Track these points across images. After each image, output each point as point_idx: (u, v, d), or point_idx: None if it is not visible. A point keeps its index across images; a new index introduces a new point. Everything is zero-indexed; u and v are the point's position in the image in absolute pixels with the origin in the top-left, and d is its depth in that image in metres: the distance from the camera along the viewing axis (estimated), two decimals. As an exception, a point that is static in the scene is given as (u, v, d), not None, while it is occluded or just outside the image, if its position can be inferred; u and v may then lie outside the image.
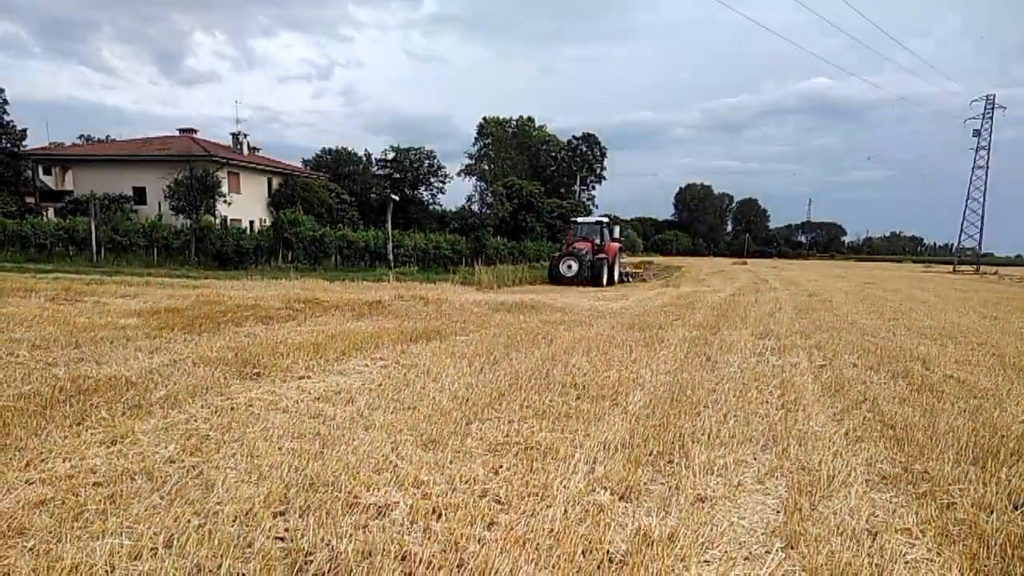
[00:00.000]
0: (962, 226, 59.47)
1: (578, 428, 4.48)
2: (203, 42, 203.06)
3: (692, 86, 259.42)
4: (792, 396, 5.66)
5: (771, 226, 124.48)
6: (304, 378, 5.75)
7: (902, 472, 3.86)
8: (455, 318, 10.22)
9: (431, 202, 62.50)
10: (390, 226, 29.99)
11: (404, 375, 5.98)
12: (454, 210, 46.71)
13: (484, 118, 76.53)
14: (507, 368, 6.35)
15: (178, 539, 2.65)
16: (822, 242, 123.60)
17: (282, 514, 2.96)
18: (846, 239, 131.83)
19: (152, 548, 2.59)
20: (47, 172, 41.07)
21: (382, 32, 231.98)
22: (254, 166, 40.97)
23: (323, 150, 60.22)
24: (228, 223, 32.93)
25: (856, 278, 30.47)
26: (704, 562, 2.74)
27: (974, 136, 57.86)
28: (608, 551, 2.76)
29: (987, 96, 57.35)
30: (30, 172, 39.93)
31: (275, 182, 42.33)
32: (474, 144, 77.76)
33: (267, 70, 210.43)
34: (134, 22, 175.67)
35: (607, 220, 25.83)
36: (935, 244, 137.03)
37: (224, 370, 5.78)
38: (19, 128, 39.91)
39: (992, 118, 57.06)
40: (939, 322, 11.80)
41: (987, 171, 57.42)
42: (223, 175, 34.61)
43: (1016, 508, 3.35)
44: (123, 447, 3.75)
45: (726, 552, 2.83)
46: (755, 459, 4.04)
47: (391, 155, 62.31)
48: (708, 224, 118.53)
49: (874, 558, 2.80)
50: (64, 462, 3.48)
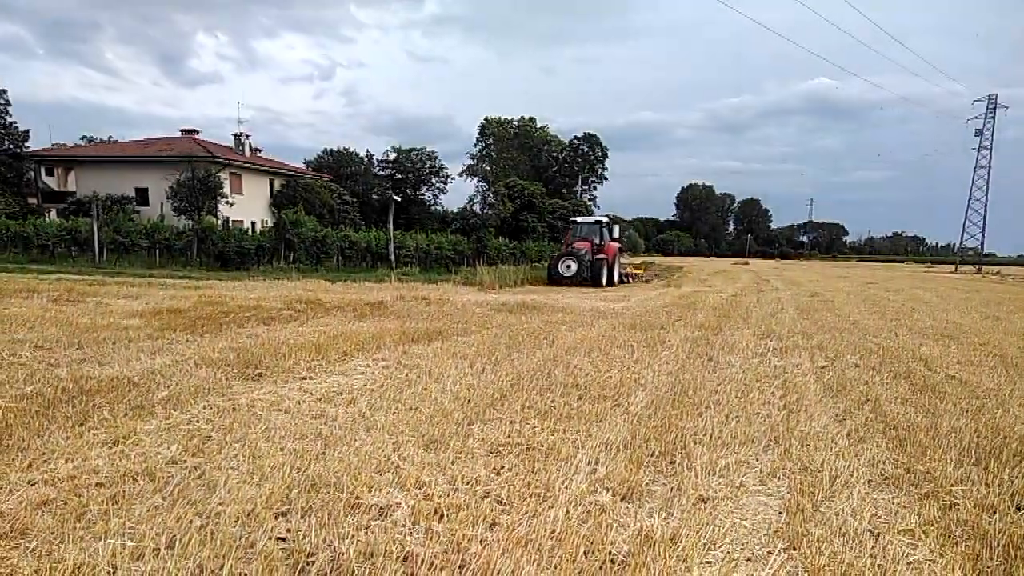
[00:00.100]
0: (964, 226, 59.40)
1: (580, 429, 4.48)
2: (205, 43, 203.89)
3: (694, 86, 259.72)
4: (794, 397, 5.65)
5: (773, 226, 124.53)
6: (306, 379, 5.75)
7: (904, 473, 3.85)
8: (457, 319, 10.22)
9: (433, 203, 62.60)
10: (392, 227, 29.99)
11: (406, 376, 5.98)
12: (456, 211, 46.84)
13: (485, 118, 76.57)
14: (509, 369, 6.35)
15: (180, 540, 2.65)
16: (824, 242, 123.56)
17: (284, 515, 2.97)
18: (848, 239, 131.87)
19: (154, 549, 2.60)
20: (49, 173, 41.14)
21: (383, 33, 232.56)
22: (256, 167, 41.03)
23: (325, 151, 60.23)
24: (230, 224, 32.96)
25: (858, 278, 30.45)
26: (706, 563, 2.74)
27: (976, 136, 57.81)
28: (610, 552, 2.76)
29: (989, 96, 57.29)
30: (32, 173, 39.98)
31: (277, 183, 42.38)
32: (475, 144, 77.81)
33: (269, 71, 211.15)
34: (136, 23, 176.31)
35: (607, 220, 25.45)
36: (937, 244, 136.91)
37: (226, 371, 5.79)
38: (22, 129, 39.95)
39: (994, 118, 57.00)
40: (941, 322, 11.79)
41: (989, 171, 57.37)
42: (225, 176, 34.68)
43: (1019, 509, 3.35)
44: (125, 448, 3.76)
45: (728, 553, 2.82)
46: (757, 460, 4.04)
47: (393, 156, 62.42)
48: (710, 224, 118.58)
49: (876, 559, 2.80)
50: (66, 463, 3.48)
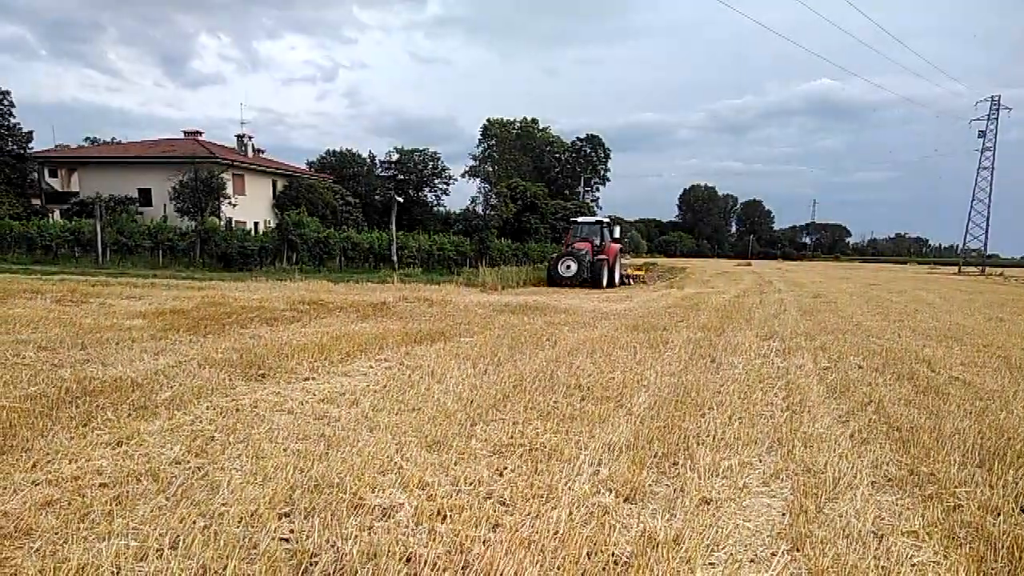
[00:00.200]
0: (967, 227, 59.24)
1: (583, 430, 4.47)
2: (208, 44, 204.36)
3: (696, 87, 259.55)
4: (797, 398, 5.65)
5: (775, 227, 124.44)
6: (309, 379, 5.76)
7: (908, 474, 3.84)
8: (459, 319, 10.22)
9: (435, 204, 62.69)
10: (394, 228, 30.02)
11: (408, 377, 5.98)
12: (458, 212, 46.97)
13: (488, 120, 76.67)
14: (511, 369, 6.35)
15: (184, 540, 2.65)
16: (826, 243, 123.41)
17: (287, 515, 2.97)
18: (850, 240, 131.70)
19: (158, 549, 2.60)
20: (53, 174, 41.28)
21: (386, 34, 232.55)
22: (259, 168, 41.11)
23: (327, 152, 60.36)
24: (233, 225, 33.02)
25: (861, 279, 30.39)
26: (709, 564, 2.73)
27: (979, 137, 57.68)
28: (613, 553, 2.76)
29: (992, 97, 57.16)
30: (36, 174, 40.06)
31: (280, 184, 42.46)
32: (478, 146, 77.94)
33: (271, 72, 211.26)
34: (139, 24, 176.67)
35: (608, 220, 25.20)
36: (940, 245, 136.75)
37: (229, 371, 5.80)
38: (25, 130, 39.87)
39: (997, 119, 56.86)
40: (944, 324, 11.76)
41: (992, 172, 57.24)
42: (228, 177, 34.80)
43: (1023, 511, 3.34)
44: (129, 448, 3.77)
45: (731, 554, 2.82)
46: (760, 461, 4.03)
47: (395, 157, 62.54)
48: (712, 226, 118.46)
49: (880, 561, 2.79)
50: (70, 463, 3.49)
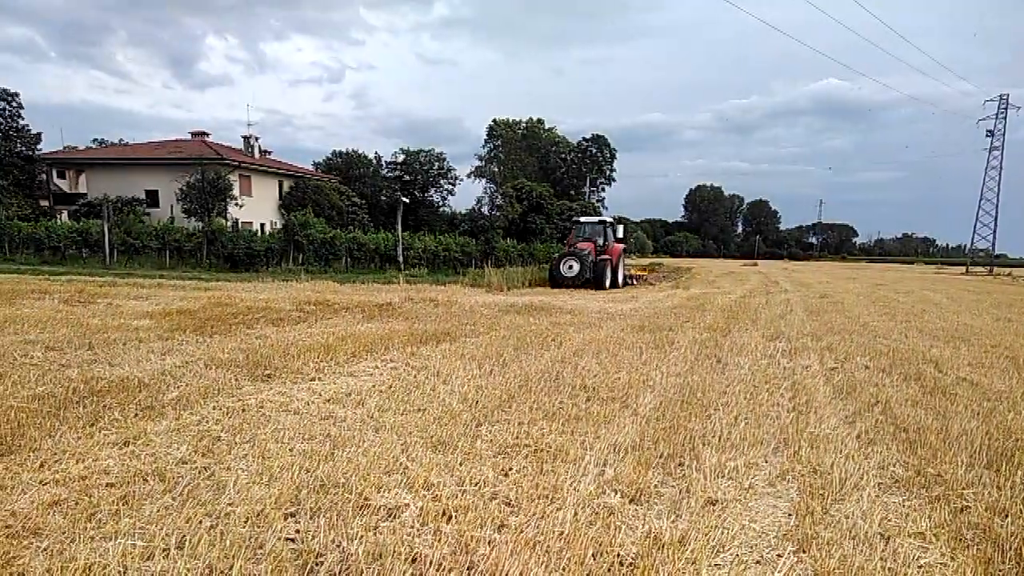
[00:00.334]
0: (975, 227, 59.04)
1: (588, 430, 4.47)
2: (215, 46, 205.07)
3: (702, 87, 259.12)
4: (803, 398, 5.62)
5: (782, 228, 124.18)
6: (315, 380, 5.77)
7: (915, 475, 3.82)
8: (465, 320, 10.23)
9: (441, 204, 62.81)
10: (400, 228, 30.06)
11: (414, 377, 5.99)
12: (464, 212, 46.97)
13: (494, 120, 76.77)
14: (517, 370, 6.35)
15: (190, 540, 2.66)
16: (833, 244, 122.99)
17: (293, 515, 2.98)
18: (857, 240, 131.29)
19: (164, 549, 2.61)
20: (61, 175, 41.55)
21: (393, 35, 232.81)
22: (265, 169, 41.25)
23: (334, 153, 60.56)
24: (239, 226, 33.15)
25: (867, 280, 30.26)
26: (715, 566, 2.73)
27: (987, 136, 57.45)
28: (618, 554, 2.75)
29: (1001, 96, 56.91)
30: (44, 175, 40.36)
31: (286, 185, 42.60)
32: (484, 146, 78.07)
33: (278, 73, 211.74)
34: (147, 26, 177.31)
35: (611, 220, 24.96)
36: (947, 245, 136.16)
37: (235, 372, 5.82)
38: (34, 132, 40.28)
39: (1006, 118, 56.64)
40: (952, 324, 11.70)
41: (1000, 171, 56.98)
42: (235, 178, 34.87)
43: None
44: (136, 448, 3.78)
45: (737, 556, 2.81)
46: (766, 462, 4.02)
47: (401, 158, 62.69)
48: (718, 226, 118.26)
49: (887, 562, 2.78)
50: (77, 463, 3.51)
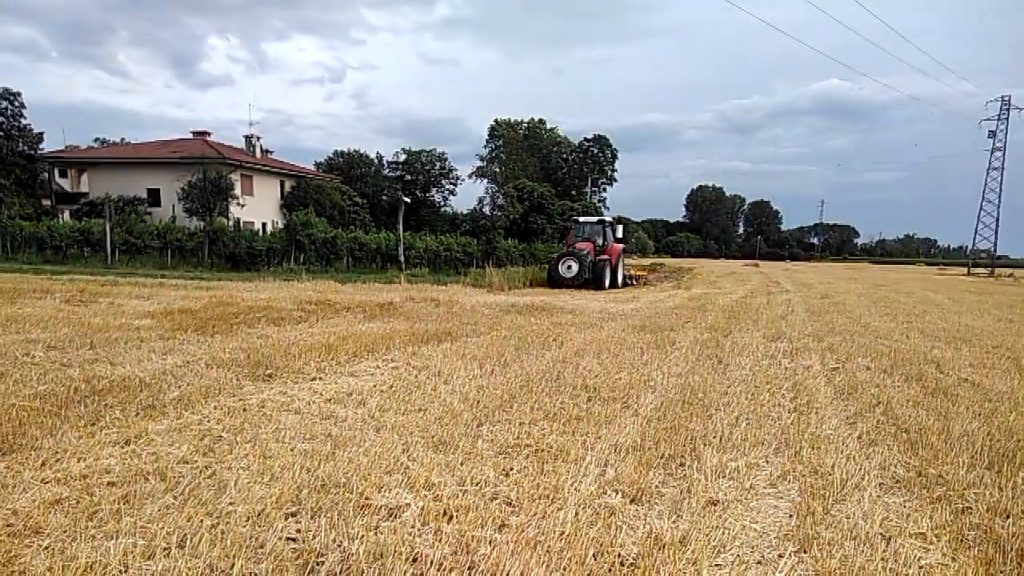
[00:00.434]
0: (977, 228, 58.99)
1: (589, 430, 4.47)
2: (217, 46, 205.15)
3: (703, 87, 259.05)
4: (805, 399, 5.62)
5: (783, 228, 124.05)
6: (316, 379, 5.77)
7: (916, 476, 3.82)
8: (466, 320, 10.23)
9: (442, 204, 62.87)
10: (401, 228, 30.06)
11: (415, 377, 5.99)
12: (465, 212, 47.01)
13: (495, 120, 76.75)
14: (518, 370, 6.35)
15: (191, 539, 2.66)
16: (835, 244, 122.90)
17: (294, 515, 2.98)
18: (859, 241, 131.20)
19: (165, 548, 2.61)
20: (63, 175, 41.62)
21: (395, 35, 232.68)
22: (267, 168, 41.28)
23: (335, 152, 60.61)
24: (241, 225, 33.16)
25: (869, 280, 30.24)
26: (716, 566, 2.72)
27: (989, 137, 57.41)
28: (619, 554, 2.75)
29: (1003, 97, 56.88)
30: (46, 175, 40.39)
31: (287, 184, 42.63)
32: (485, 146, 78.02)
33: (280, 73, 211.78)
34: (149, 26, 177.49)
35: (610, 220, 24.72)
36: (949, 246, 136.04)
37: (237, 371, 5.82)
38: (36, 131, 40.28)
39: (1008, 119, 56.59)
40: (953, 325, 11.69)
41: (1002, 172, 56.98)
42: (236, 177, 34.89)
43: None
44: (137, 447, 3.78)
45: (738, 556, 2.81)
46: (767, 462, 4.01)
47: (403, 157, 62.75)
48: (720, 226, 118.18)
49: (888, 563, 2.78)
50: (79, 462, 3.51)
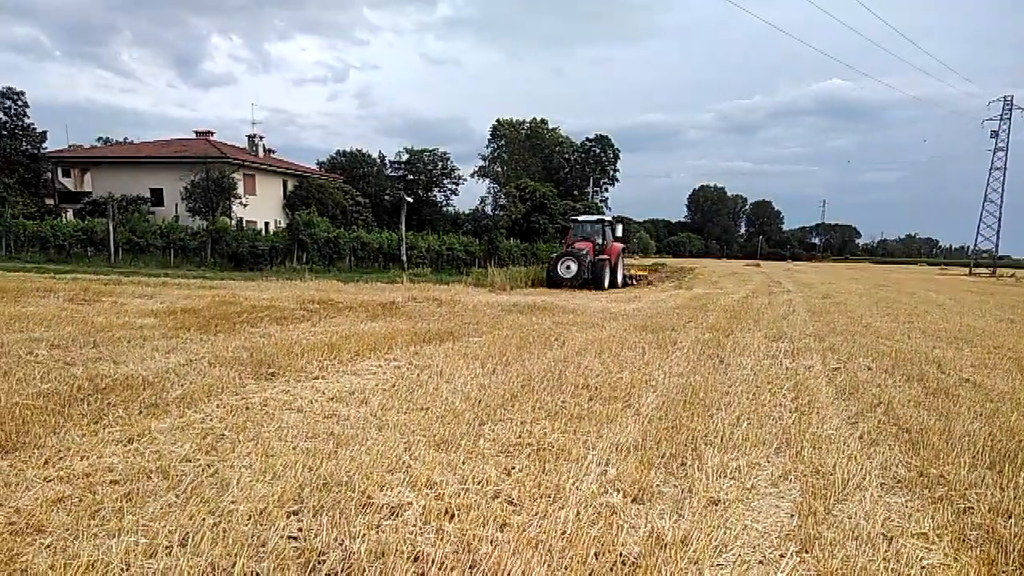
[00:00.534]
0: (978, 228, 58.87)
1: (590, 430, 4.47)
2: (220, 45, 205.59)
3: (705, 87, 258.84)
4: (806, 399, 5.61)
5: (785, 228, 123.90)
6: (318, 378, 5.78)
7: (918, 476, 3.82)
8: (468, 319, 10.23)
9: (444, 204, 62.86)
10: (404, 228, 30.09)
11: (417, 376, 5.99)
12: (467, 212, 47.04)
13: (497, 120, 76.79)
14: (519, 369, 6.35)
15: (193, 537, 2.67)
16: (836, 244, 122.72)
17: (296, 513, 2.98)
18: (860, 241, 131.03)
19: (167, 546, 2.62)
20: (66, 174, 41.68)
21: (397, 35, 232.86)
22: (269, 168, 41.33)
23: (338, 152, 60.73)
24: (244, 224, 33.22)
25: (870, 280, 30.20)
26: (717, 565, 2.72)
27: (991, 137, 57.29)
28: (621, 553, 2.75)
29: (1005, 97, 56.76)
30: (49, 174, 40.49)
31: (290, 184, 42.67)
32: (487, 146, 78.05)
33: (283, 73, 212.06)
34: (152, 26, 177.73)
35: (610, 219, 24.31)
36: (951, 246, 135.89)
37: (239, 370, 5.83)
38: (39, 130, 40.43)
39: (1010, 119, 56.48)
40: (955, 325, 11.66)
41: (1005, 172, 56.91)
42: (239, 177, 35.00)
43: None
44: (139, 446, 3.79)
45: (740, 556, 2.81)
46: (769, 462, 4.01)
47: (405, 157, 62.70)
48: (721, 226, 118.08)
49: (890, 563, 2.77)
50: (82, 460, 3.52)
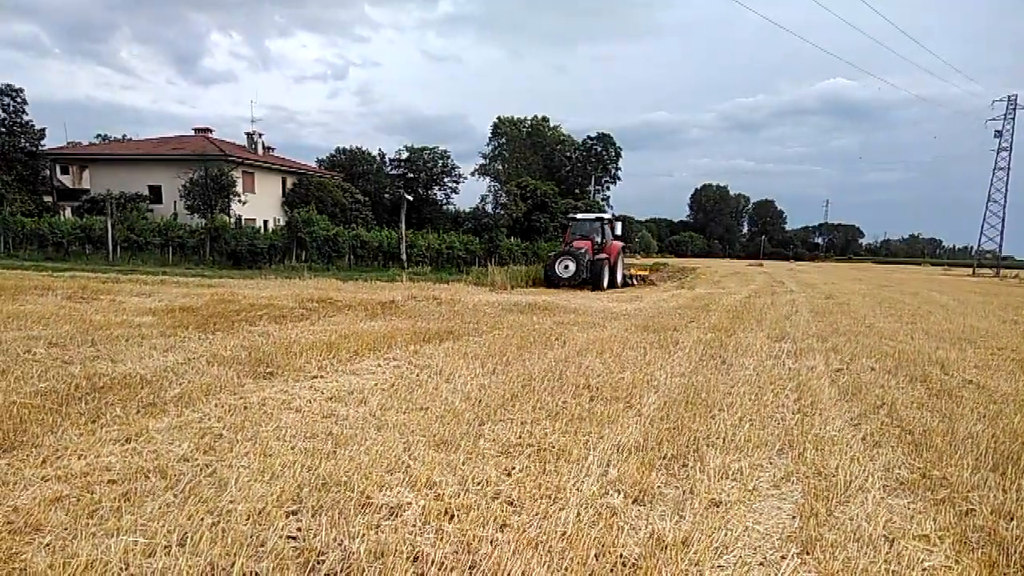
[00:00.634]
0: (982, 228, 58.67)
1: (591, 430, 4.45)
2: (220, 42, 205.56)
3: (708, 86, 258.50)
4: (808, 400, 5.60)
5: (787, 228, 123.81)
6: (317, 378, 5.76)
7: (920, 478, 3.80)
8: (468, 319, 10.22)
9: (445, 202, 62.76)
10: (404, 226, 30.08)
11: (417, 375, 5.98)
12: (468, 210, 46.92)
13: (498, 118, 76.66)
14: (520, 369, 6.34)
15: (191, 537, 2.66)
16: (839, 244, 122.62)
17: (295, 513, 2.97)
18: (863, 241, 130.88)
19: (166, 546, 2.60)
20: (64, 171, 41.64)
21: (398, 32, 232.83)
22: (269, 166, 41.29)
23: (337, 150, 60.61)
24: (242, 222, 33.20)
25: (873, 281, 30.19)
26: (718, 567, 2.71)
27: (995, 137, 57.14)
28: (621, 555, 2.74)
29: (1009, 96, 56.61)
30: (48, 171, 40.49)
31: (289, 182, 42.64)
32: (488, 144, 77.95)
33: (283, 70, 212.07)
34: (152, 23, 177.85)
35: (609, 217, 24.01)
36: (954, 247, 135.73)
37: (238, 369, 5.82)
38: (38, 128, 40.46)
39: (1014, 119, 56.31)
40: (958, 326, 11.64)
41: (1008, 172, 56.68)
42: (238, 175, 34.94)
43: None
44: (137, 445, 3.78)
45: (741, 557, 2.79)
46: (770, 463, 4.00)
47: (405, 155, 62.63)
48: (724, 226, 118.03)
49: (891, 565, 2.76)
50: (79, 459, 3.51)
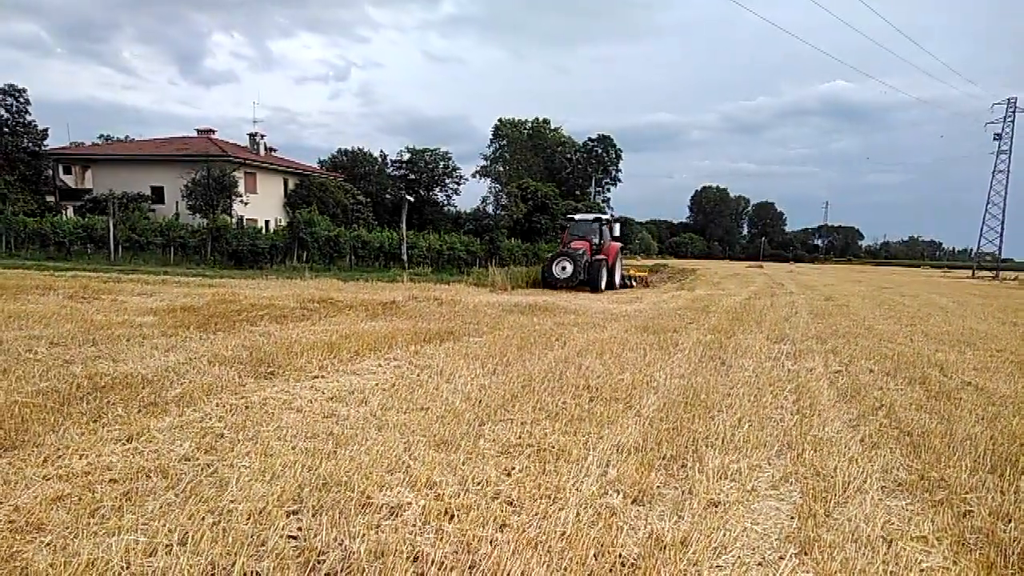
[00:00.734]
0: (981, 231, 58.73)
1: (591, 431, 4.46)
2: (222, 43, 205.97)
3: (709, 88, 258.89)
4: (807, 401, 5.61)
5: (787, 230, 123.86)
6: (318, 378, 5.77)
7: (918, 479, 3.81)
8: (469, 319, 10.22)
9: (446, 203, 62.81)
10: (404, 227, 30.09)
11: (417, 376, 5.99)
12: (469, 211, 46.94)
13: (500, 119, 76.81)
14: (520, 370, 6.35)
15: (192, 537, 2.67)
16: (839, 246, 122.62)
17: (295, 513, 2.98)
18: (863, 243, 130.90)
19: (167, 545, 2.61)
20: (67, 171, 41.74)
21: (400, 33, 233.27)
22: (270, 166, 41.34)
23: (339, 151, 60.60)
24: (244, 223, 33.23)
25: (873, 282, 30.19)
26: (717, 567, 2.72)
27: (995, 140, 57.15)
28: (620, 555, 2.75)
29: (1009, 99, 56.63)
30: (50, 171, 40.56)
31: (291, 182, 42.69)
32: (489, 146, 78.05)
33: (284, 71, 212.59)
34: (155, 23, 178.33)
35: (607, 218, 23.72)
36: (954, 249, 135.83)
37: (239, 369, 5.83)
38: (40, 128, 40.49)
39: (1014, 121, 56.34)
40: (957, 328, 11.65)
41: (1008, 175, 56.74)
42: (240, 175, 35.01)
43: None
44: (139, 445, 3.79)
45: (739, 558, 2.80)
46: (769, 464, 4.01)
47: (406, 156, 62.67)
48: (724, 227, 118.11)
49: (889, 566, 2.77)
50: (81, 459, 3.52)
